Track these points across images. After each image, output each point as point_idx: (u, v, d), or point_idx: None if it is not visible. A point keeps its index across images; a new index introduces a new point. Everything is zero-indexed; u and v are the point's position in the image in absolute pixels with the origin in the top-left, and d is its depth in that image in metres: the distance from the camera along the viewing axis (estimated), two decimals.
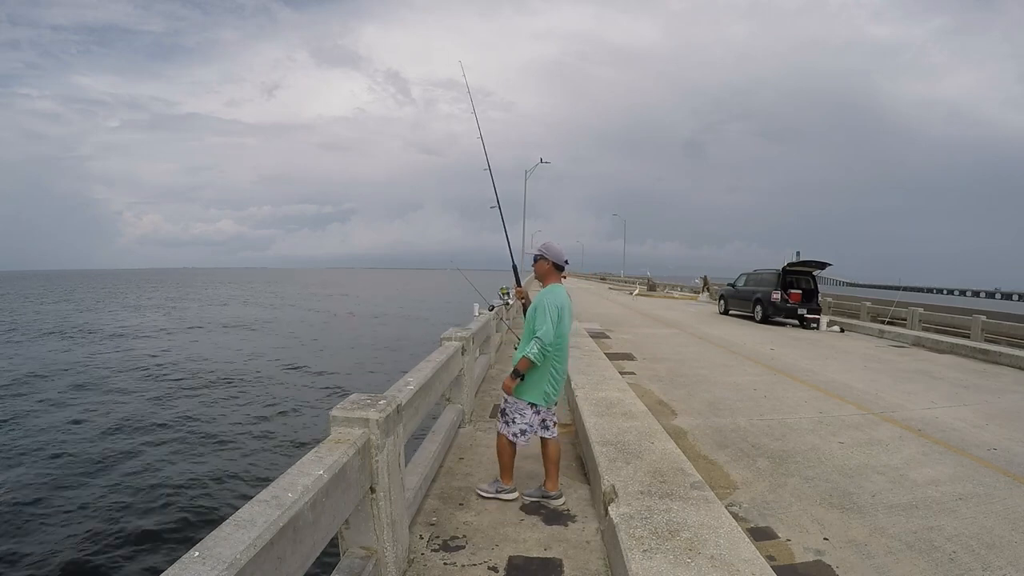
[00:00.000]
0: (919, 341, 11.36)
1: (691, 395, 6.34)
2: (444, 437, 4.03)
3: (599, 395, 4.75)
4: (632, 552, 2.16)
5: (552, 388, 3.21)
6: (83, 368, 16.50)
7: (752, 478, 3.88)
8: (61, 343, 22.01)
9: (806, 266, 15.46)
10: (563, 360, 3.25)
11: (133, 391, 13.55)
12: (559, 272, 3.32)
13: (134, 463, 8.52)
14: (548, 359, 3.13)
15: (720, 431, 4.97)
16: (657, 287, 36.61)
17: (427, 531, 2.93)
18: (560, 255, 3.30)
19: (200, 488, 7.64)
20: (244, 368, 16.83)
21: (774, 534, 3.07)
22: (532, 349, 3.04)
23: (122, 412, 11.48)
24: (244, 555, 1.30)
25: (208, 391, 13.60)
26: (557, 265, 3.30)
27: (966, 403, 6.24)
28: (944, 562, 2.78)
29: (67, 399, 12.64)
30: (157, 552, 5.95)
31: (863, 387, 6.96)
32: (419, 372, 3.55)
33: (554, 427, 3.33)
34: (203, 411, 11.69)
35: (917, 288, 73.48)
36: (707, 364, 8.45)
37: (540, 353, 3.03)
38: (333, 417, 2.19)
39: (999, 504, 3.48)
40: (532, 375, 3.17)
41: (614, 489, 2.77)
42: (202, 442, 9.58)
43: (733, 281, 17.99)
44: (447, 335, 4.98)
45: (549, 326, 3.05)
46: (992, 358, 9.26)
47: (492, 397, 5.97)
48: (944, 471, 4.05)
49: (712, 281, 27.23)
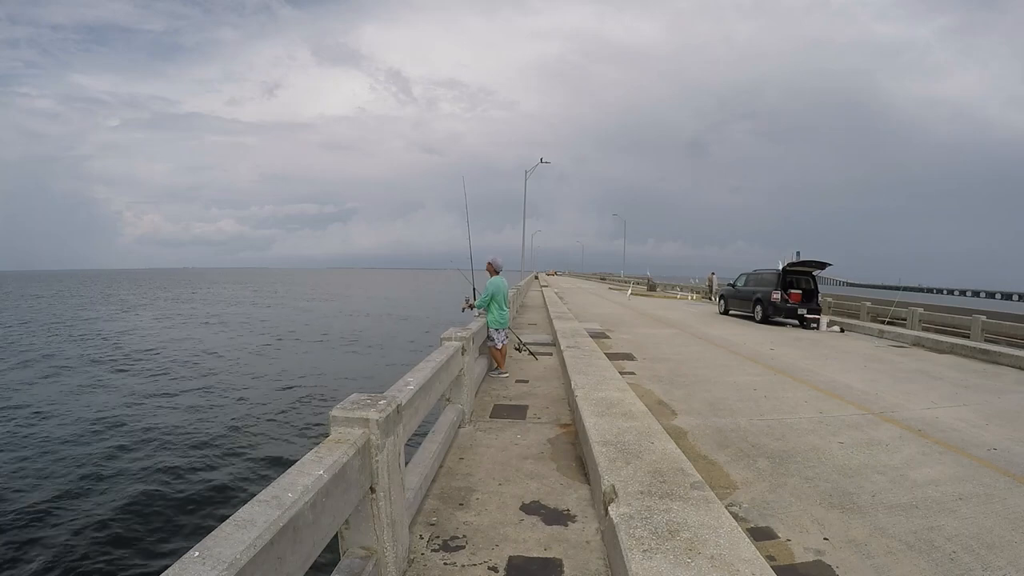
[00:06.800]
0: (919, 341, 11.35)
1: (691, 395, 6.34)
2: (444, 437, 4.03)
3: (599, 395, 4.75)
4: (632, 552, 2.16)
5: (498, 321, 6.78)
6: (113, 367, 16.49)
7: (752, 478, 3.88)
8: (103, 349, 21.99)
9: (806, 266, 15.45)
10: (503, 307, 6.78)
11: (164, 393, 13.55)
12: (496, 272, 6.91)
13: (134, 463, 8.52)
14: (491, 307, 6.73)
15: (720, 431, 4.97)
16: (657, 287, 36.57)
17: (427, 531, 2.93)
18: (499, 265, 6.93)
19: (200, 488, 7.64)
20: (273, 368, 16.84)
21: (774, 534, 3.07)
22: (477, 303, 6.94)
23: (125, 411, 11.49)
24: (244, 555, 1.30)
25: (228, 386, 13.60)
26: (495, 269, 6.91)
27: (966, 403, 6.24)
28: (944, 562, 2.78)
29: (91, 396, 12.64)
30: (157, 552, 5.95)
31: (863, 387, 6.96)
32: (419, 372, 3.55)
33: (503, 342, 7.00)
34: (210, 410, 11.69)
35: (917, 288, 73.43)
36: (707, 364, 8.45)
37: (480, 306, 6.84)
38: (333, 417, 2.18)
39: (999, 504, 3.48)
40: (488, 315, 6.75)
41: (614, 489, 2.77)
42: (203, 441, 9.58)
43: (733, 281, 17.98)
44: (447, 335, 4.98)
45: (484, 296, 6.76)
46: (992, 358, 9.25)
47: (492, 397, 5.98)
48: (944, 471, 4.05)
49: (717, 280, 26.85)
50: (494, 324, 6.80)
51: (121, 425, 10.52)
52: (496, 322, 6.79)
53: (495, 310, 6.75)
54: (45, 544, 6.08)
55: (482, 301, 6.79)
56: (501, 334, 6.90)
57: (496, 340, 6.89)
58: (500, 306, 6.76)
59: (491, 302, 6.75)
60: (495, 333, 6.85)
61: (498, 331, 6.86)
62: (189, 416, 11.25)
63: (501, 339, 6.93)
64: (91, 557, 5.86)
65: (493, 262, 6.90)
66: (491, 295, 6.71)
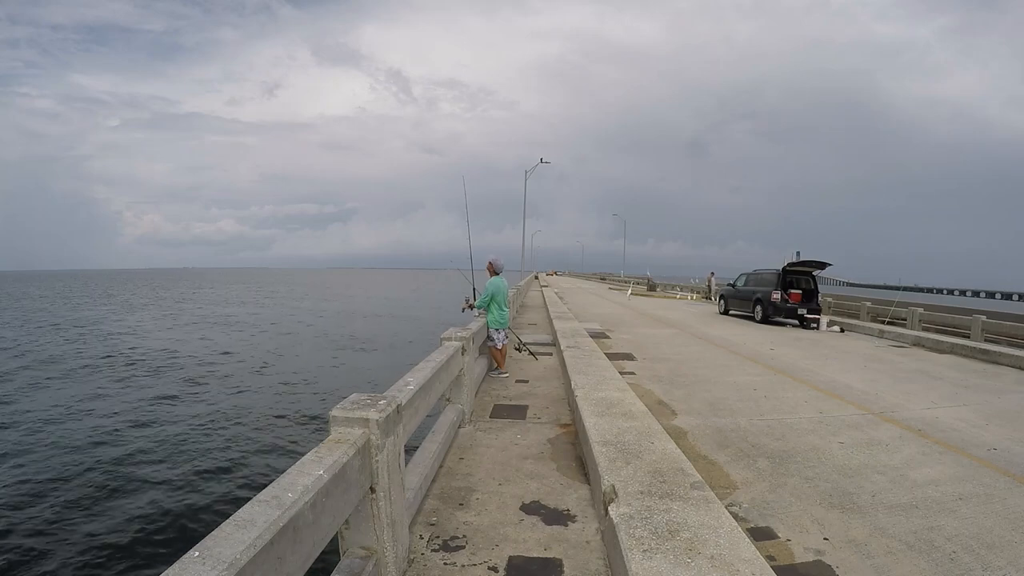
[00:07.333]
0: (919, 341, 11.35)
1: (691, 395, 6.34)
2: (444, 437, 4.03)
3: (599, 395, 4.75)
4: (632, 552, 2.16)
5: (498, 321, 6.82)
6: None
7: (752, 478, 3.88)
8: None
9: (806, 266, 15.44)
10: (502, 307, 6.81)
11: (177, 393, 13.55)
12: (496, 272, 6.92)
13: (133, 463, 8.52)
14: (491, 307, 6.77)
15: (720, 431, 4.97)
16: (657, 287, 36.56)
17: (427, 531, 2.93)
18: (499, 266, 6.95)
19: (199, 488, 7.64)
20: (277, 366, 16.83)
21: (774, 534, 3.07)
22: (477, 303, 6.98)
23: (128, 411, 11.49)
24: (244, 555, 1.30)
25: (229, 386, 13.60)
26: (495, 269, 6.92)
27: (966, 403, 6.24)
28: (944, 562, 2.78)
29: (92, 393, 12.64)
30: (157, 552, 5.95)
31: (863, 387, 6.96)
32: (419, 372, 3.55)
33: (503, 342, 7.04)
34: (209, 409, 11.69)
35: (917, 288, 73.40)
36: (707, 364, 8.45)
37: (480, 306, 6.86)
38: (333, 417, 2.18)
39: (999, 504, 3.48)
40: (488, 315, 6.79)
41: (614, 489, 2.77)
42: (202, 441, 9.58)
43: (733, 281, 17.98)
44: (447, 335, 4.98)
45: (484, 297, 6.79)
46: (992, 358, 9.25)
47: (492, 397, 5.98)
48: (944, 471, 4.05)
49: (715, 280, 26.80)
50: (494, 324, 6.82)
51: (120, 425, 10.52)
52: (496, 322, 6.81)
53: (495, 310, 6.77)
54: (45, 544, 6.08)
55: (482, 301, 6.81)
56: (501, 334, 6.92)
57: (496, 340, 6.90)
58: (500, 306, 6.79)
59: (491, 302, 6.76)
60: (495, 333, 6.87)
61: (498, 331, 6.88)
62: (188, 416, 11.25)
63: (501, 339, 6.95)
64: (91, 557, 5.86)
65: (493, 262, 6.93)
66: (491, 295, 6.74)
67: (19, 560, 5.78)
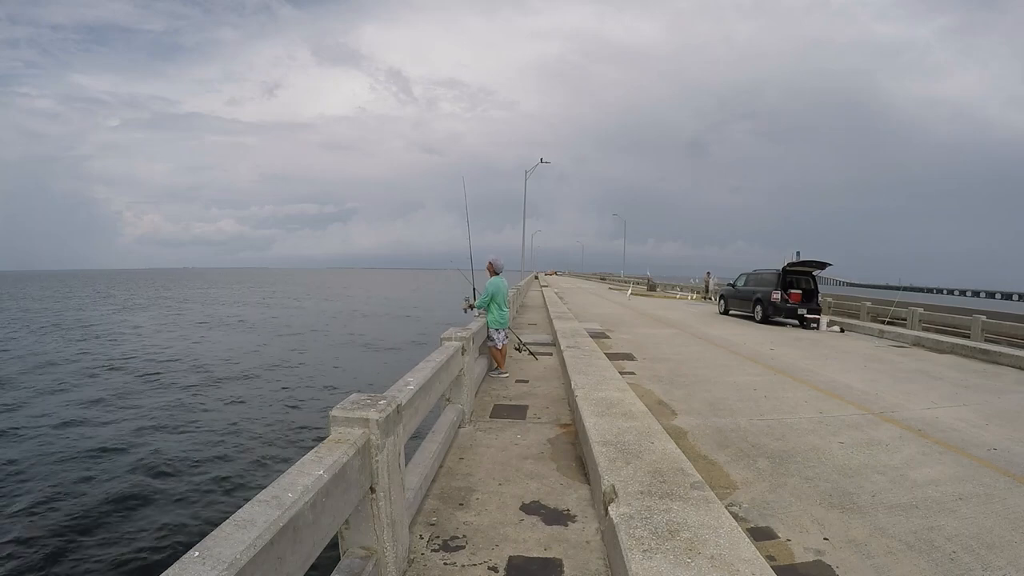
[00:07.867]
0: (919, 341, 11.35)
1: (691, 395, 6.34)
2: (444, 437, 4.03)
3: (599, 395, 4.75)
4: (632, 552, 2.16)
5: (498, 321, 6.82)
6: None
7: (752, 478, 3.88)
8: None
9: (806, 266, 15.44)
10: (502, 307, 6.82)
11: (188, 387, 13.55)
12: (496, 272, 6.93)
13: (133, 463, 8.52)
14: (491, 307, 6.78)
15: (720, 431, 4.97)
16: (657, 287, 36.56)
17: (427, 531, 2.93)
18: (499, 266, 6.96)
19: (199, 488, 7.64)
20: (277, 364, 16.83)
21: (774, 534, 3.07)
22: (477, 303, 6.99)
23: (124, 411, 11.48)
24: (244, 555, 1.30)
25: (229, 387, 13.60)
26: (495, 269, 6.94)
27: (966, 403, 6.24)
28: (944, 562, 2.78)
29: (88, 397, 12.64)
30: (157, 551, 5.95)
31: (863, 387, 6.96)
32: (419, 372, 3.54)
33: (503, 342, 7.04)
34: (209, 409, 11.69)
35: (917, 288, 73.39)
36: (707, 364, 8.45)
37: (480, 306, 6.88)
38: (333, 417, 2.18)
39: (999, 504, 3.48)
40: (488, 315, 6.79)
41: (614, 489, 2.77)
42: (202, 441, 9.58)
43: (733, 281, 17.97)
44: (447, 335, 4.98)
45: (484, 297, 6.81)
46: (992, 358, 9.25)
47: (492, 397, 5.98)
48: (944, 471, 4.05)
49: (715, 280, 26.80)
50: (494, 324, 6.83)
51: (121, 425, 10.52)
52: (496, 322, 6.82)
53: (495, 310, 6.78)
54: (44, 544, 6.08)
55: (482, 301, 6.82)
56: (501, 334, 6.93)
57: (496, 340, 6.90)
58: (500, 306, 6.80)
59: (491, 302, 6.76)
60: (495, 333, 6.87)
61: (498, 331, 6.89)
62: (188, 416, 11.25)
63: (501, 339, 6.95)
64: (91, 557, 5.86)
65: (493, 262, 6.94)
66: (491, 295, 6.74)
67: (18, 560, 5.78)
